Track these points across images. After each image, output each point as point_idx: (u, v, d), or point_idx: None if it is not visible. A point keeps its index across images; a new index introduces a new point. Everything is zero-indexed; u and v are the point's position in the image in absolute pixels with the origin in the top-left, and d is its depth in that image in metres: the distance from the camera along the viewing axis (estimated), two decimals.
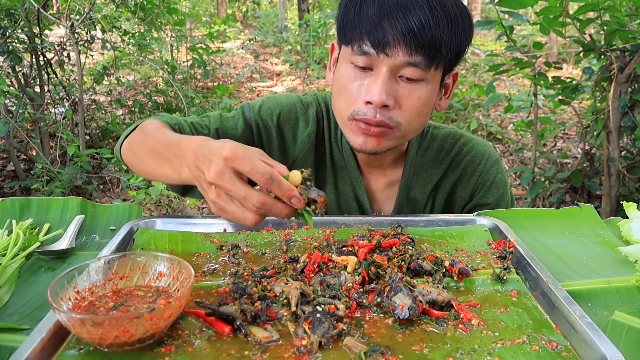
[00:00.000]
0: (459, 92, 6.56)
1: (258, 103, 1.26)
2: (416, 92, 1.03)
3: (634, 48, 2.67)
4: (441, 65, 1.03)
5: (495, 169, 1.29)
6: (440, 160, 1.29)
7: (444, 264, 0.87)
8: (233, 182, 0.74)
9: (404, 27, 0.96)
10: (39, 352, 0.66)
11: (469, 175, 1.29)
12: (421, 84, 1.03)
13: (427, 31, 0.97)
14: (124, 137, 1.14)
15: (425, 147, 1.29)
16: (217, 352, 0.67)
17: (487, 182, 1.29)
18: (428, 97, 1.05)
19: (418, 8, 0.97)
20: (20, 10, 3.60)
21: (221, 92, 5.62)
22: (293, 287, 0.77)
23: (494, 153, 1.32)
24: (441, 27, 0.98)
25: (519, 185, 4.29)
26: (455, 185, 1.30)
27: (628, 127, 3.00)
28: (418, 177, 1.29)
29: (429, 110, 1.09)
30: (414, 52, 0.98)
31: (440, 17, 0.98)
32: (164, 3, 4.86)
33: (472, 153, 1.29)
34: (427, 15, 0.96)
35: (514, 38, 3.00)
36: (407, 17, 0.96)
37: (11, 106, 3.89)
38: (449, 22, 0.99)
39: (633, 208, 1.11)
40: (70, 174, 3.69)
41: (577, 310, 0.75)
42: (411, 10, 0.96)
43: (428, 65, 1.01)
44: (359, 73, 1.04)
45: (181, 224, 1.08)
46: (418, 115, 1.06)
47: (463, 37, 1.03)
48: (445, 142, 1.30)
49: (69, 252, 1.00)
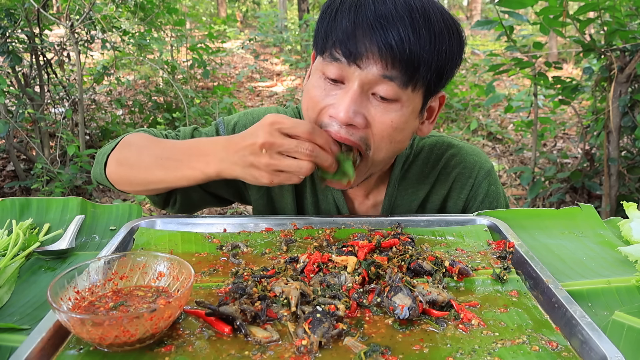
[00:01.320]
0: (459, 92, 6.57)
1: (234, 120, 1.21)
2: (389, 113, 0.93)
3: (634, 48, 2.67)
4: (420, 86, 0.93)
5: (488, 181, 1.21)
6: (427, 174, 1.20)
7: (444, 264, 0.87)
8: (283, 137, 0.86)
9: (381, 39, 0.87)
10: (39, 352, 0.66)
11: (459, 190, 1.21)
12: (395, 105, 0.93)
13: (406, 45, 0.87)
14: (104, 158, 1.09)
15: (410, 161, 1.20)
16: (217, 352, 0.67)
17: (479, 196, 1.21)
18: (402, 121, 0.94)
19: (398, 20, 0.87)
20: (20, 10, 3.60)
21: (221, 92, 5.62)
22: (293, 287, 0.77)
23: (486, 162, 1.23)
24: (422, 43, 0.88)
25: (519, 185, 4.29)
26: (446, 200, 1.22)
27: (628, 127, 3.00)
28: (403, 194, 1.20)
29: (403, 138, 0.98)
30: (390, 67, 0.89)
31: (423, 32, 0.88)
32: (164, 3, 4.86)
33: (461, 165, 1.20)
34: (407, 29, 0.87)
35: (514, 38, 3.00)
36: (385, 28, 0.87)
37: (11, 106, 3.89)
38: (431, 39, 0.89)
39: (633, 208, 1.11)
40: (70, 174, 3.70)
41: (577, 310, 0.75)
42: (390, 21, 0.87)
43: (405, 84, 0.91)
44: (329, 85, 0.95)
45: (181, 224, 1.08)
46: (390, 142, 0.96)
47: (448, 56, 0.92)
48: (432, 154, 1.20)
49: (69, 252, 1.00)
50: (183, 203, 1.16)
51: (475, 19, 12.20)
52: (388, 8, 0.89)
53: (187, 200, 1.17)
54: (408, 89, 0.92)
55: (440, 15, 0.92)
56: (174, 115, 4.74)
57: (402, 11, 0.88)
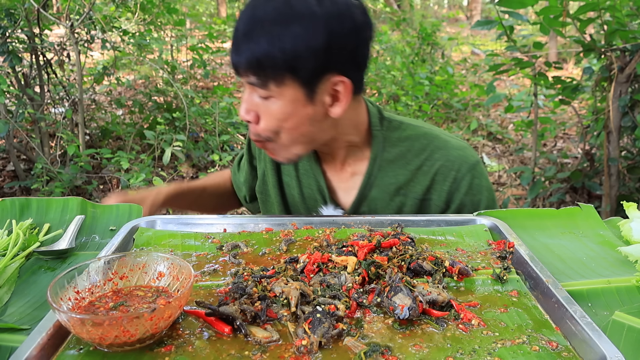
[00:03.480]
0: (459, 92, 6.57)
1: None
2: (269, 107, 1.04)
3: (634, 48, 2.66)
4: (284, 79, 1.00)
5: (472, 175, 1.21)
6: (409, 160, 1.22)
7: (444, 264, 0.87)
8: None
9: (233, 56, 1.02)
10: (39, 352, 0.66)
11: (441, 182, 1.22)
12: (271, 100, 1.03)
13: (243, 55, 0.99)
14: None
15: (392, 142, 1.23)
16: (217, 352, 0.67)
17: (462, 189, 1.21)
18: (281, 112, 1.04)
19: (241, 33, 1.00)
20: (20, 10, 3.60)
21: (221, 92, 5.61)
22: (293, 288, 0.77)
23: (471, 157, 1.23)
24: (255, 38, 0.97)
25: (519, 185, 4.29)
26: (429, 191, 1.23)
27: (628, 127, 3.00)
28: (383, 175, 1.23)
29: (294, 123, 1.06)
30: (245, 75, 1.01)
31: (253, 26, 0.98)
32: (164, 3, 4.85)
33: (445, 158, 1.22)
34: (246, 39, 0.99)
35: (514, 38, 3.00)
36: (235, 44, 1.01)
37: (11, 106, 3.89)
38: (265, 31, 0.97)
39: (633, 208, 1.11)
40: (70, 174, 3.69)
41: (577, 310, 0.75)
42: (237, 37, 1.01)
43: (264, 84, 1.01)
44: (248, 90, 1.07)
45: (181, 224, 1.08)
46: (282, 129, 1.06)
47: (299, 40, 0.96)
48: (417, 142, 1.23)
49: (69, 252, 1.00)
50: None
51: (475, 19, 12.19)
52: (239, 24, 1.01)
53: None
54: (269, 86, 1.01)
55: (284, 8, 0.97)
56: (174, 115, 4.73)
57: (245, 24, 0.99)
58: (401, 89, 6.15)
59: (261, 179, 1.37)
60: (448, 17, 13.22)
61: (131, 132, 4.64)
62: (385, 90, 6.07)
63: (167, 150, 4.09)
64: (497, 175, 4.65)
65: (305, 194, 1.30)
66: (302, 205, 1.31)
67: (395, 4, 9.86)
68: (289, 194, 1.33)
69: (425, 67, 6.78)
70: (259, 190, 1.39)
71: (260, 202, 1.41)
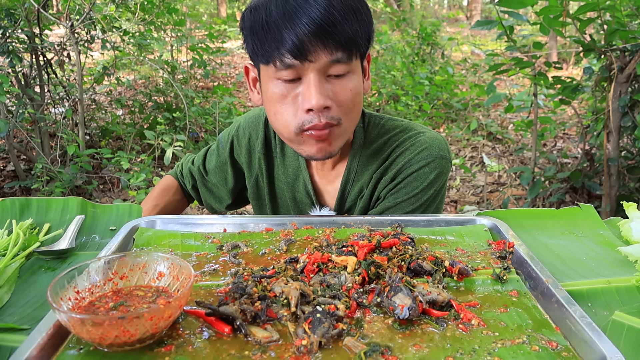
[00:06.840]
0: (459, 92, 6.57)
1: (226, 134, 1.44)
2: (346, 85, 1.06)
3: (634, 48, 2.67)
4: (358, 53, 1.06)
5: (426, 162, 1.19)
6: (384, 151, 1.24)
7: (444, 264, 0.87)
8: None
9: (322, 34, 0.98)
10: (39, 352, 0.66)
11: (396, 161, 1.22)
12: (349, 77, 1.06)
13: (340, 27, 0.99)
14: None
15: (371, 139, 1.25)
16: (217, 352, 0.67)
17: (410, 169, 1.19)
18: (357, 86, 1.08)
19: (321, 9, 0.98)
20: (20, 10, 3.60)
21: (221, 92, 5.61)
22: (293, 288, 0.77)
23: (438, 149, 1.20)
24: (349, 19, 1.01)
25: (519, 185, 4.29)
26: (386, 171, 1.23)
27: (628, 127, 3.00)
28: (363, 171, 1.24)
29: (360, 99, 1.11)
30: (334, 51, 1.01)
31: (345, 10, 1.00)
32: (164, 3, 4.85)
33: (411, 143, 1.22)
34: (334, 13, 0.99)
35: (514, 38, 3.00)
36: (320, 24, 0.98)
37: (11, 106, 3.89)
38: (354, 13, 1.02)
39: (633, 208, 1.11)
40: (70, 174, 3.70)
41: (577, 310, 0.75)
42: (320, 16, 0.97)
43: (349, 58, 1.04)
44: (289, 85, 1.04)
45: (181, 224, 1.08)
46: (353, 106, 1.09)
47: (369, 22, 1.06)
48: (394, 136, 1.24)
49: (69, 252, 1.00)
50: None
51: (475, 19, 12.20)
52: (311, 5, 0.98)
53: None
54: (352, 61, 1.05)
55: None
56: (174, 115, 4.73)
57: (321, 2, 0.98)
58: (401, 89, 6.16)
59: (254, 185, 1.39)
60: (448, 17, 13.21)
61: (131, 132, 4.64)
62: (385, 90, 6.07)
63: (167, 150, 4.09)
64: (497, 175, 4.65)
65: (297, 199, 1.33)
66: (294, 210, 1.35)
67: (395, 4, 9.86)
68: (281, 200, 1.37)
69: (425, 67, 6.79)
70: (253, 197, 1.41)
71: (256, 207, 1.44)
